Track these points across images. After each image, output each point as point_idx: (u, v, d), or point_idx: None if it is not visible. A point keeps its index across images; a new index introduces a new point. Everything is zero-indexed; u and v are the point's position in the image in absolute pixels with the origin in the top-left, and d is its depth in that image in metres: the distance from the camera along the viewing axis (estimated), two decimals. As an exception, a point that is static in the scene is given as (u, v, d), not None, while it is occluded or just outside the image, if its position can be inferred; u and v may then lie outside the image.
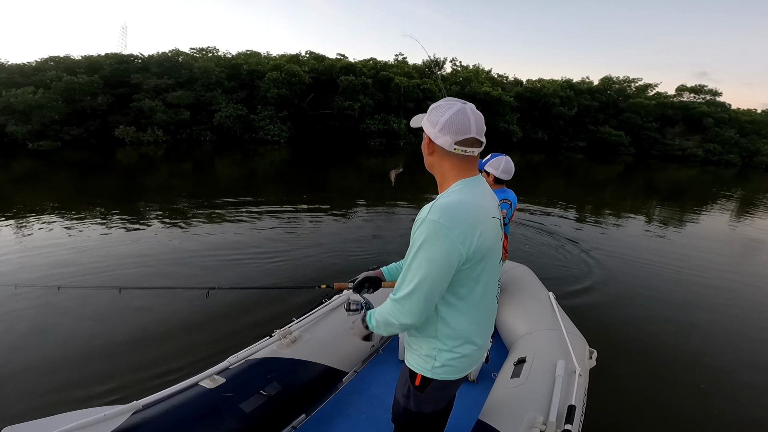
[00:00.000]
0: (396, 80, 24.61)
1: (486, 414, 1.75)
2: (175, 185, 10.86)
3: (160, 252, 5.12)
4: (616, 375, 2.95)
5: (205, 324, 3.38)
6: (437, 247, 1.04)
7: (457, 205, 1.08)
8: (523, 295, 2.83)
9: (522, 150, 25.89)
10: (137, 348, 3.04)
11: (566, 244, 6.23)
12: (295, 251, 5.36)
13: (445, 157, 1.14)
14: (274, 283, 4.28)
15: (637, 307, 4.24)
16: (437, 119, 1.11)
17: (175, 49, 24.06)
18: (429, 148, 1.18)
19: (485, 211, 1.13)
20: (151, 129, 19.89)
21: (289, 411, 1.97)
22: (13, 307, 3.52)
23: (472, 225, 1.07)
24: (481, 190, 1.17)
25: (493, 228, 1.14)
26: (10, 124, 17.32)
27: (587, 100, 31.29)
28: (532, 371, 1.97)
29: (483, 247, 1.09)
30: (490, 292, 1.23)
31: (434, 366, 1.21)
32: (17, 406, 2.41)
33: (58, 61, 21.83)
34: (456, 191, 1.13)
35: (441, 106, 1.13)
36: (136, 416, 1.55)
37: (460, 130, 1.09)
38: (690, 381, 3.04)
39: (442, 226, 1.03)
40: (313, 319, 2.39)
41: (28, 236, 5.59)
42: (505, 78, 34.66)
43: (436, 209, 1.06)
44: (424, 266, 1.05)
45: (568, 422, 1.59)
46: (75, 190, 9.93)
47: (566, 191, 13.13)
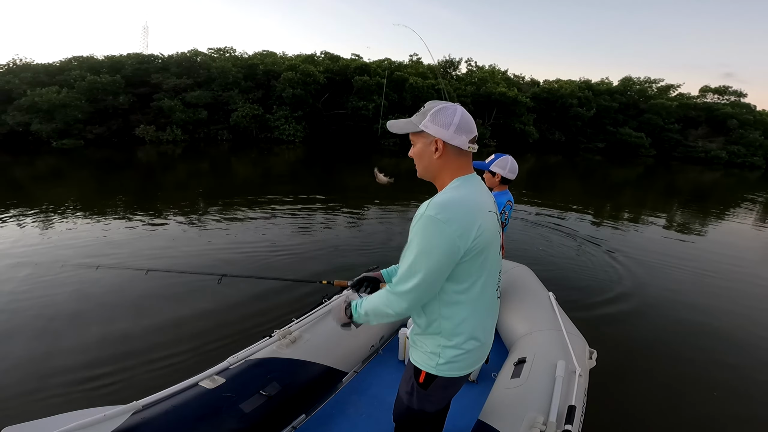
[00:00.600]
0: (410, 80, 24.54)
1: (486, 414, 1.75)
2: (193, 184, 11.04)
3: (177, 245, 5.24)
4: (617, 375, 2.94)
5: (217, 308, 3.65)
6: (435, 242, 1.07)
7: (454, 200, 1.11)
8: (523, 295, 2.82)
9: (538, 151, 25.53)
10: (157, 326, 3.35)
11: (583, 245, 6.15)
12: (304, 247, 5.45)
13: (454, 157, 1.18)
14: (277, 275, 4.31)
15: (637, 306, 4.22)
16: (449, 120, 1.15)
17: (193, 50, 24.50)
18: (439, 151, 1.18)
19: (482, 206, 1.15)
20: (170, 128, 20.30)
21: (289, 411, 1.97)
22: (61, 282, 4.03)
23: (470, 219, 1.09)
24: (478, 187, 1.20)
25: (491, 222, 1.17)
26: (35, 123, 17.89)
27: (606, 101, 30.64)
28: (532, 371, 1.97)
29: (482, 240, 1.11)
30: (490, 286, 1.24)
31: (438, 363, 1.22)
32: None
33: (81, 60, 22.47)
34: (453, 188, 1.17)
35: (446, 107, 1.17)
36: (135, 416, 1.56)
37: (471, 129, 1.17)
38: (690, 381, 3.04)
39: (439, 221, 1.06)
40: (313, 319, 2.39)
41: (52, 229, 5.78)
42: (521, 78, 34.21)
43: (433, 205, 1.09)
44: (423, 260, 1.08)
45: (568, 422, 1.59)
46: (98, 187, 10.20)
47: (584, 193, 12.87)
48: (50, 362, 2.83)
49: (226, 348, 2.70)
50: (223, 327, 3.35)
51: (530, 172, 18.11)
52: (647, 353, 3.38)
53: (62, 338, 3.14)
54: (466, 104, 26.66)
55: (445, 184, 1.20)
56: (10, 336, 3.14)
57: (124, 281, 4.10)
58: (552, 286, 3.04)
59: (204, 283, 3.93)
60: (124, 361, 2.87)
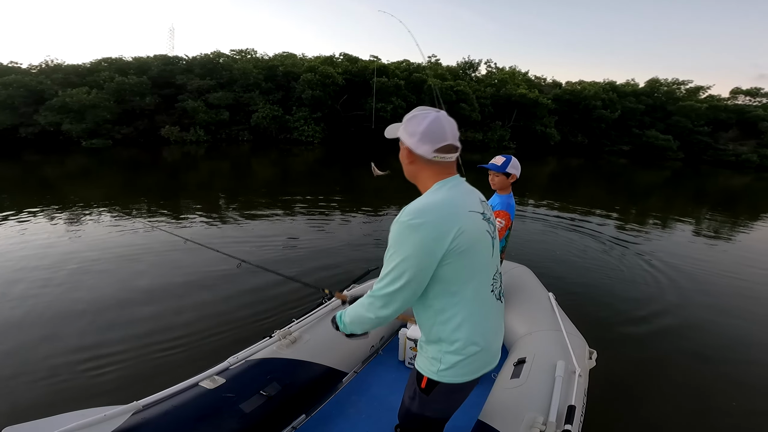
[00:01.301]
0: (429, 82, 24.45)
1: (486, 414, 1.75)
2: (215, 184, 11.29)
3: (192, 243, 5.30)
4: (617, 375, 2.93)
5: (217, 308, 3.71)
6: (409, 246, 1.08)
7: (428, 204, 1.12)
8: (523, 295, 2.82)
9: (559, 154, 25.03)
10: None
11: (591, 244, 5.94)
12: (316, 245, 5.49)
13: (425, 165, 1.19)
14: (285, 272, 4.31)
15: (636, 306, 4.21)
16: (415, 129, 1.16)
17: (216, 51, 25.08)
18: (409, 158, 1.21)
19: (462, 207, 1.14)
20: (193, 129, 20.83)
21: (289, 411, 1.97)
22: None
23: (445, 221, 1.09)
24: (459, 188, 1.19)
25: (474, 222, 1.15)
26: (65, 123, 18.64)
27: (632, 103, 29.80)
28: (531, 372, 1.96)
29: (463, 241, 1.10)
30: (484, 288, 1.22)
31: (439, 369, 1.22)
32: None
33: (111, 62, 23.31)
34: (431, 192, 1.17)
35: (417, 116, 1.17)
36: (136, 416, 1.56)
37: (438, 138, 1.14)
38: (690, 381, 3.03)
39: (411, 225, 1.07)
40: (313, 320, 2.39)
41: (85, 225, 5.97)
42: (543, 80, 33.67)
43: (407, 211, 1.10)
44: (399, 265, 1.09)
45: (567, 422, 1.59)
46: (126, 186, 10.53)
47: (607, 196, 12.51)
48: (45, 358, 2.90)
49: (226, 348, 2.70)
50: (222, 327, 3.36)
51: (552, 175, 17.76)
52: (647, 353, 3.36)
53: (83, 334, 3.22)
54: (485, 106, 26.41)
55: (425, 188, 1.21)
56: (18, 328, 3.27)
57: (127, 277, 4.23)
58: (554, 287, 3.03)
59: (206, 280, 4.11)
60: (122, 355, 2.92)
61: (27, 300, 3.69)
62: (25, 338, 3.11)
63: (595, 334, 2.74)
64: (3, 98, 18.74)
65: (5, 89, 18.86)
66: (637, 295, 4.50)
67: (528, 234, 6.83)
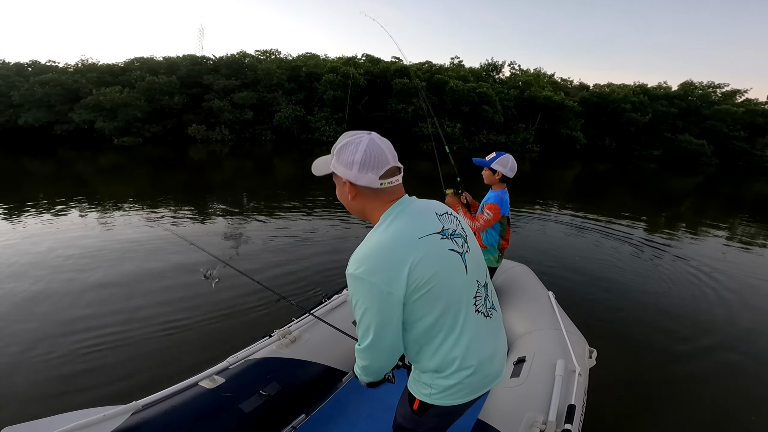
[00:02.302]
0: (451, 83, 24.22)
1: (486, 413, 1.74)
2: (239, 184, 11.51)
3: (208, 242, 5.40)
4: (617, 374, 2.93)
5: (217, 307, 3.71)
6: (366, 298, 1.01)
7: (372, 248, 1.02)
8: (523, 294, 2.81)
9: (586, 158, 24.28)
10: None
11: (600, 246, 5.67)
12: (329, 246, 5.51)
13: (371, 196, 1.07)
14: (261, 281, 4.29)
15: (636, 305, 4.20)
16: (351, 158, 1.03)
17: (241, 52, 25.59)
18: (351, 193, 1.08)
19: (410, 237, 1.03)
20: (218, 128, 21.34)
21: (288, 411, 1.96)
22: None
23: (394, 262, 0.99)
24: (407, 215, 1.07)
25: (430, 247, 1.03)
26: (99, 121, 19.42)
27: (664, 106, 28.67)
28: (531, 371, 1.96)
29: (422, 272, 1.00)
30: (466, 309, 1.10)
31: (431, 393, 1.16)
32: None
33: (143, 61, 24.16)
34: (375, 232, 1.06)
35: (348, 143, 1.04)
36: (135, 416, 1.56)
37: (379, 164, 1.03)
38: (691, 380, 3.02)
39: (359, 277, 1.00)
40: (313, 319, 2.38)
41: (114, 221, 6.18)
42: (569, 82, 32.86)
43: (353, 262, 1.02)
44: (366, 316, 1.04)
45: (567, 422, 1.58)
46: (154, 183, 10.89)
47: (635, 201, 12.01)
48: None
49: (225, 348, 2.72)
50: (222, 326, 3.36)
51: (576, 178, 17.27)
52: (648, 352, 3.36)
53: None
54: (509, 108, 25.95)
55: (375, 221, 1.10)
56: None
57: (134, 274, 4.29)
58: (555, 285, 3.03)
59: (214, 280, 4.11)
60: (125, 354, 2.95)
61: (42, 290, 3.86)
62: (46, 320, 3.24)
63: (596, 333, 2.76)
64: (40, 96, 19.69)
65: (42, 87, 19.81)
66: (638, 294, 4.49)
67: (529, 232, 6.82)
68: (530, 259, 4.95)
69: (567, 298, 3.76)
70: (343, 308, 2.54)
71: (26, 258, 4.68)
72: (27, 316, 3.44)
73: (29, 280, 4.08)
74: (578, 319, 2.62)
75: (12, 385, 2.65)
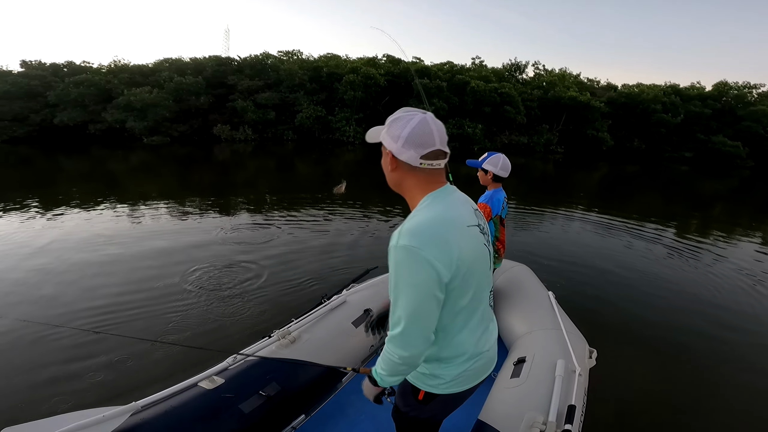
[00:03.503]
0: (472, 84, 23.94)
1: (486, 414, 1.74)
2: (261, 183, 11.69)
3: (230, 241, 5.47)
4: (617, 374, 2.92)
5: (216, 307, 3.73)
6: (417, 272, 0.97)
7: (425, 223, 1.00)
8: (523, 294, 2.81)
9: (613, 160, 23.53)
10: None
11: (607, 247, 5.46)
12: (340, 249, 5.46)
13: (410, 172, 1.08)
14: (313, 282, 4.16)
15: (636, 305, 4.19)
16: (398, 133, 1.04)
17: (264, 52, 26.08)
18: (392, 165, 1.10)
19: (458, 222, 1.05)
20: (242, 128, 21.79)
21: (288, 411, 1.96)
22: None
23: (445, 240, 0.99)
24: (451, 201, 1.09)
25: (471, 238, 1.07)
26: (129, 120, 20.14)
27: (697, 107, 27.50)
28: (531, 371, 1.96)
29: (465, 259, 1.02)
30: (484, 302, 1.18)
31: (440, 383, 1.17)
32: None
33: (171, 62, 24.93)
34: (423, 208, 1.06)
35: (400, 118, 1.05)
36: (134, 417, 1.56)
37: (425, 143, 1.03)
38: (691, 380, 3.01)
39: (413, 249, 0.96)
40: (313, 319, 2.36)
41: (141, 218, 6.36)
42: (596, 82, 31.96)
43: (404, 233, 0.98)
44: (411, 295, 0.99)
45: (568, 422, 1.58)
46: (182, 181, 11.24)
47: (665, 205, 11.53)
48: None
49: (225, 348, 2.69)
50: (221, 325, 3.36)
51: (602, 180, 16.75)
52: (648, 352, 3.35)
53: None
54: (532, 109, 25.44)
55: (413, 200, 1.11)
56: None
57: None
58: (553, 285, 3.01)
59: (207, 279, 4.17)
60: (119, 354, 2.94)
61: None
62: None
63: (595, 333, 2.76)
64: (74, 96, 20.58)
65: (76, 88, 20.69)
66: (638, 294, 4.49)
67: (540, 230, 6.75)
68: (530, 257, 5.01)
69: (567, 298, 3.79)
70: (342, 308, 2.54)
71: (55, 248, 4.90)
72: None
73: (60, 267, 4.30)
74: (578, 319, 2.64)
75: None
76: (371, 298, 2.68)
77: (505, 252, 2.75)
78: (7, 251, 4.96)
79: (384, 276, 2.99)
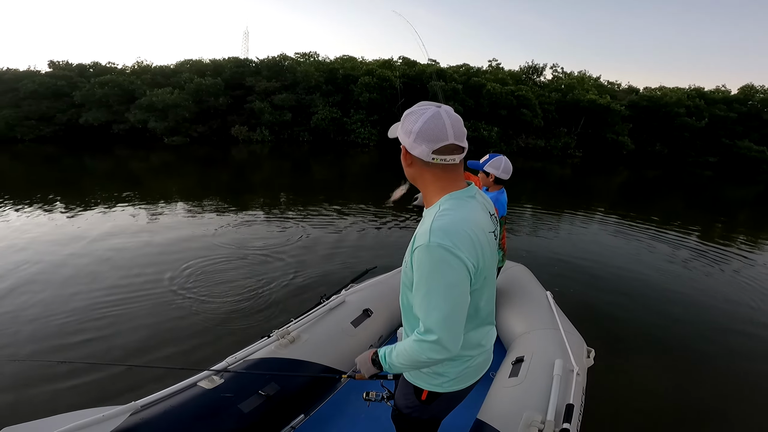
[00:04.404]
0: (488, 86, 23.71)
1: (484, 413, 1.76)
2: (277, 183, 11.83)
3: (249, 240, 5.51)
4: (615, 374, 2.93)
5: (216, 307, 3.74)
6: (452, 272, 0.96)
7: (458, 224, 1.00)
8: (521, 294, 2.82)
9: (633, 164, 22.94)
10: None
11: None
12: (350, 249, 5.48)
13: (425, 168, 1.06)
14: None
15: (635, 305, 4.21)
16: (410, 128, 1.03)
17: (282, 54, 26.32)
18: (407, 160, 1.10)
19: (482, 227, 1.06)
20: (259, 129, 22.05)
21: (287, 411, 1.96)
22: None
23: (474, 243, 1.00)
24: (474, 205, 1.09)
25: (490, 244, 1.10)
26: (151, 121, 20.60)
27: (722, 111, 26.62)
28: (530, 370, 1.97)
29: (485, 264, 1.06)
30: (490, 301, 1.22)
31: (443, 381, 1.18)
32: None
33: (192, 63, 25.39)
34: (450, 209, 1.03)
35: (413, 112, 1.04)
36: (134, 417, 1.56)
37: (437, 138, 1.00)
38: (690, 379, 3.02)
39: (448, 249, 0.95)
40: (312, 319, 2.38)
41: (160, 216, 6.52)
42: (616, 85, 31.27)
43: (436, 232, 0.97)
44: (446, 295, 0.96)
45: (566, 421, 1.59)
46: (200, 181, 11.44)
47: (688, 210, 11.18)
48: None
49: (224, 348, 2.70)
50: (220, 325, 3.36)
51: (622, 185, 16.37)
52: (646, 351, 3.37)
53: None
54: (549, 112, 25.04)
55: (430, 196, 1.10)
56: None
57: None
58: (552, 284, 3.06)
59: (206, 278, 4.23)
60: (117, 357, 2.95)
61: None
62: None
63: (593, 333, 2.76)
64: (99, 96, 21.13)
65: (101, 88, 21.24)
66: (638, 294, 4.51)
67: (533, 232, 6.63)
68: (530, 257, 5.07)
69: (567, 297, 3.85)
70: (342, 308, 2.55)
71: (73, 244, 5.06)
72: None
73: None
74: (577, 318, 2.64)
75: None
76: (370, 298, 2.72)
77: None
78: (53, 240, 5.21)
79: (383, 276, 3.01)
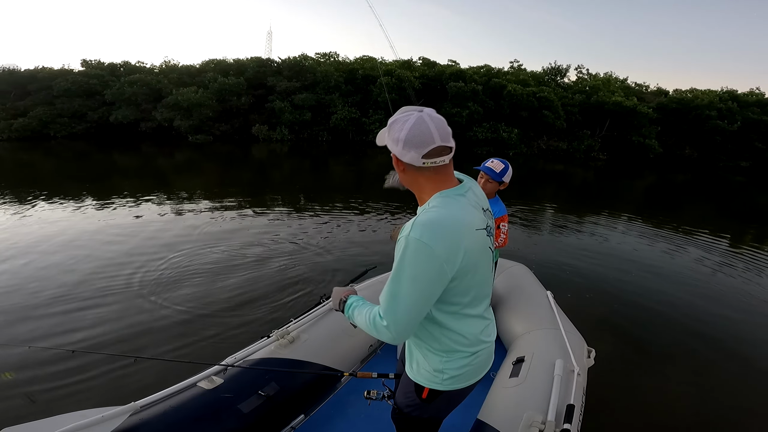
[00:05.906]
0: (509, 87, 23.35)
1: (485, 413, 1.76)
2: (296, 182, 11.99)
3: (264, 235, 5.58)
4: (615, 374, 2.93)
5: (215, 307, 3.75)
6: (421, 266, 1.00)
7: (438, 221, 1.02)
8: (522, 294, 2.83)
9: (660, 168, 22.13)
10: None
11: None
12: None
13: (418, 172, 1.09)
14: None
15: (635, 305, 4.21)
16: (397, 136, 1.05)
17: (302, 54, 26.65)
18: (399, 167, 1.13)
19: (468, 225, 1.07)
20: (279, 128, 22.39)
21: (287, 411, 1.96)
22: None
23: (455, 241, 1.02)
24: (463, 203, 1.10)
25: (477, 240, 1.09)
26: (177, 119, 21.21)
27: (755, 114, 25.36)
28: (530, 371, 1.97)
29: (468, 262, 1.05)
30: (484, 300, 1.22)
31: (443, 379, 1.19)
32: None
33: (216, 63, 26.01)
34: (436, 207, 1.06)
35: (397, 120, 1.06)
36: (134, 417, 1.56)
37: (424, 142, 1.03)
38: (689, 379, 3.03)
39: (424, 244, 0.98)
40: (311, 319, 2.38)
41: (178, 214, 6.69)
42: (644, 87, 30.25)
43: (417, 226, 1.01)
44: (409, 286, 1.01)
45: (567, 421, 1.59)
46: (221, 178, 11.74)
47: (718, 216, 10.68)
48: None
49: (224, 348, 2.72)
50: (220, 325, 3.37)
51: (648, 189, 15.85)
52: (646, 351, 3.37)
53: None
54: (572, 114, 24.46)
55: (425, 197, 1.12)
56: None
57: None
58: (552, 285, 3.00)
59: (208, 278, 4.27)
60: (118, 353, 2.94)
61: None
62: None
63: (594, 333, 2.78)
64: (128, 95, 21.89)
65: (131, 87, 21.99)
66: (638, 293, 4.50)
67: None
68: (530, 258, 5.05)
69: (567, 297, 3.80)
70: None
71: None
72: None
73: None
74: (577, 318, 2.64)
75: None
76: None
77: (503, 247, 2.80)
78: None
79: (383, 276, 3.03)
